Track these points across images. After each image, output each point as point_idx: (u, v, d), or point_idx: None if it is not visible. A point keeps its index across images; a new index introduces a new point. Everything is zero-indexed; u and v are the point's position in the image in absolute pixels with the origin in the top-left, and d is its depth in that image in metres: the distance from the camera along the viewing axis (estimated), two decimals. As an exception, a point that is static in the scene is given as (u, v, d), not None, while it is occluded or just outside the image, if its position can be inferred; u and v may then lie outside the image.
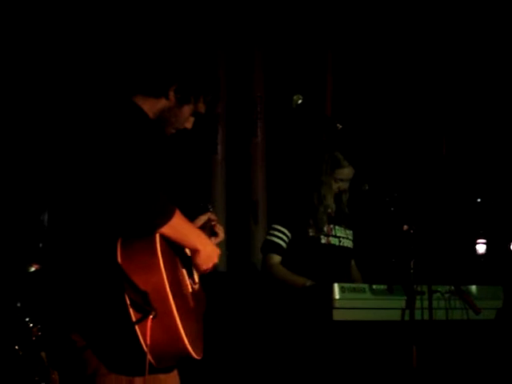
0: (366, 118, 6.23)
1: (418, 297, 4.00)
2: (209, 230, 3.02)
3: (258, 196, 6.04)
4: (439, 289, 4.16)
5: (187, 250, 2.78)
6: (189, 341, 2.52)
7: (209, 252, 2.75)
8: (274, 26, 6.15)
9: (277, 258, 4.51)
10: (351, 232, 4.71)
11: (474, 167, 6.50)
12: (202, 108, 2.90)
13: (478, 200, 6.52)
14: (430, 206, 6.12)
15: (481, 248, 6.47)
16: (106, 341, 2.59)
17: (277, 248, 4.52)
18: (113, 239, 2.54)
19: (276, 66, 6.24)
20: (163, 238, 2.59)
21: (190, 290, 2.77)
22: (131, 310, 2.45)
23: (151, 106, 2.83)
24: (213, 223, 3.04)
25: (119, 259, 2.50)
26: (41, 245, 4.32)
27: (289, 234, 4.53)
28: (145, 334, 2.44)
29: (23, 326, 4.01)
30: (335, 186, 4.58)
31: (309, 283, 4.23)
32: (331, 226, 4.59)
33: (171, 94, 2.82)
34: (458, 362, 4.23)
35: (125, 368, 2.59)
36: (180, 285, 2.67)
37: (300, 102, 3.54)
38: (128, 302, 2.45)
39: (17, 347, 3.98)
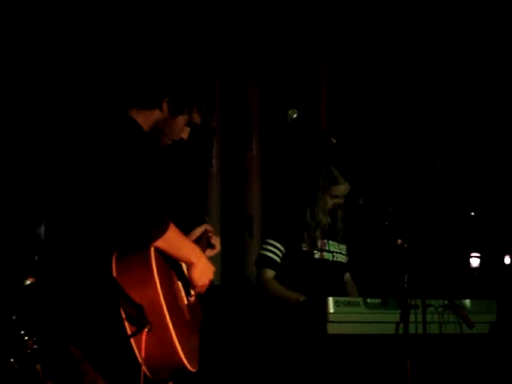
0: (361, 132, 6.24)
1: (412, 311, 4.00)
2: (205, 241, 3.04)
3: (252, 209, 6.03)
4: (433, 303, 4.15)
5: (183, 264, 2.79)
6: (184, 353, 2.53)
7: (203, 266, 2.75)
8: (269, 40, 6.16)
9: (271, 273, 4.50)
10: (345, 247, 4.70)
11: (467, 181, 6.51)
12: (196, 118, 2.92)
13: (472, 214, 6.53)
14: (424, 220, 6.13)
15: (474, 262, 6.47)
16: (102, 353, 2.60)
17: (271, 263, 4.50)
18: (108, 253, 2.55)
19: (271, 80, 6.25)
20: (158, 251, 2.59)
21: (186, 302, 2.78)
22: (126, 324, 2.47)
23: (146, 119, 2.84)
24: (209, 235, 3.05)
25: (114, 273, 2.51)
26: (36, 258, 4.31)
27: (282, 249, 4.52)
28: (140, 347, 2.46)
29: (18, 339, 4.01)
30: (330, 201, 4.57)
31: (302, 299, 4.23)
32: (325, 240, 4.59)
33: (164, 105, 2.84)
34: (451, 376, 4.22)
35: (121, 380, 2.60)
36: (175, 298, 2.68)
37: (295, 116, 3.55)
38: (123, 315, 2.47)
39: (12, 360, 3.99)
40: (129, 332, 2.46)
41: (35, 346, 3.98)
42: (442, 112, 6.54)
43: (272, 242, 4.54)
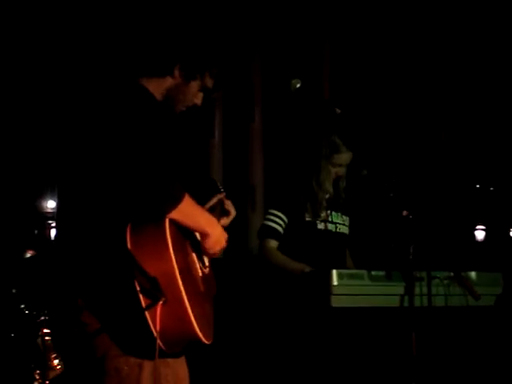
0: (365, 102, 6.21)
1: (417, 283, 3.99)
2: (219, 210, 3.03)
3: (255, 181, 6.02)
4: (438, 275, 4.12)
5: (197, 234, 2.78)
6: (198, 326, 2.52)
7: (218, 236, 2.75)
8: (272, 11, 6.13)
9: (273, 243, 4.47)
10: (348, 218, 4.67)
11: (473, 153, 6.49)
12: (209, 82, 2.89)
13: (477, 186, 6.51)
14: (429, 192, 6.11)
15: (480, 234, 6.46)
16: (116, 325, 2.60)
17: (273, 233, 4.47)
18: (122, 225, 2.54)
19: (274, 51, 6.21)
20: (173, 222, 2.58)
21: (200, 273, 2.77)
22: (141, 296, 2.46)
23: (157, 87, 2.82)
24: (223, 202, 3.04)
25: (129, 245, 2.50)
26: (36, 231, 4.30)
27: (285, 219, 4.49)
28: (155, 320, 2.46)
29: (19, 313, 3.99)
30: (333, 171, 4.54)
31: (307, 269, 4.19)
32: (328, 211, 4.56)
33: (176, 71, 2.82)
34: (457, 349, 4.21)
35: (135, 350, 2.60)
36: (190, 269, 2.68)
37: (298, 86, 3.52)
38: (138, 288, 2.47)
39: (12, 334, 3.97)
40: (143, 305, 2.46)
41: (37, 320, 3.97)
42: (447, 83, 6.52)
43: (275, 212, 4.50)
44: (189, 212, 2.63)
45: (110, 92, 2.72)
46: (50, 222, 6.71)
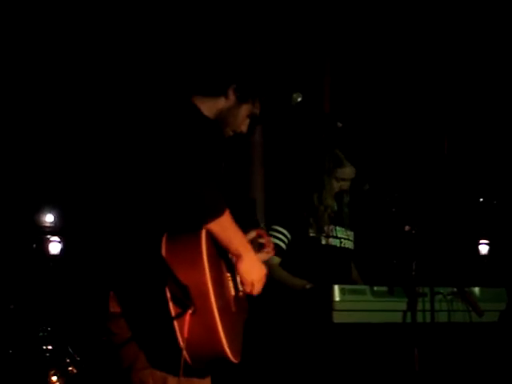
0: (367, 117, 6.20)
1: (420, 299, 3.97)
2: (256, 245, 3.00)
3: (255, 195, 5.99)
4: (441, 290, 4.10)
5: (233, 258, 2.76)
6: (227, 341, 2.50)
7: (252, 260, 2.72)
8: (272, 26, 6.13)
9: (276, 260, 4.43)
10: (352, 233, 4.64)
11: (476, 167, 6.48)
12: (258, 109, 2.93)
13: (481, 200, 6.48)
14: (432, 206, 6.08)
15: (483, 248, 6.43)
16: (145, 332, 2.60)
17: (276, 249, 4.44)
18: (160, 231, 2.56)
19: (275, 64, 6.21)
20: (210, 237, 2.58)
21: (233, 293, 2.76)
22: (171, 304, 2.45)
23: (210, 106, 2.85)
24: (261, 240, 3.04)
25: (164, 252, 2.50)
26: (34, 245, 4.29)
27: (288, 235, 4.46)
28: (182, 330, 2.44)
29: (18, 329, 3.98)
30: (336, 185, 4.52)
31: (308, 286, 4.16)
32: (332, 226, 4.52)
33: (230, 92, 2.84)
34: (460, 365, 4.18)
35: (161, 363, 2.60)
36: (222, 286, 2.66)
37: (299, 99, 3.50)
38: (168, 295, 2.46)
39: (11, 351, 3.95)
40: (173, 313, 2.44)
41: (39, 336, 3.97)
42: (450, 96, 6.51)
43: (278, 228, 4.48)
44: (227, 227, 2.62)
45: (162, 107, 2.74)
46: (49, 236, 6.71)
